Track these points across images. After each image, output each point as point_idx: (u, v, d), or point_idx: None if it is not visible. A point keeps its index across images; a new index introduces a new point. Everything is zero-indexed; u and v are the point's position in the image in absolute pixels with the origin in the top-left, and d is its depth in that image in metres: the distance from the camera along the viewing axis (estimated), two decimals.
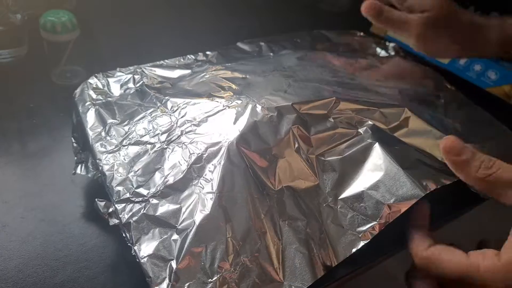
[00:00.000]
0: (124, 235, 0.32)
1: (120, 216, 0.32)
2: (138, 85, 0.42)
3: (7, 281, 0.32)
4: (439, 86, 0.52)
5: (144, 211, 0.32)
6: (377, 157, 0.35)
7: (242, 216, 0.32)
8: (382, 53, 0.59)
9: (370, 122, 0.38)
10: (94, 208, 0.34)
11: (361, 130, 0.37)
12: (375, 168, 0.34)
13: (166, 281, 0.29)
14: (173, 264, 0.29)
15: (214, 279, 0.29)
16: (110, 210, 0.33)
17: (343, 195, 0.34)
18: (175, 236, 0.31)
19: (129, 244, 0.31)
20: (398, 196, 0.32)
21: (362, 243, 0.31)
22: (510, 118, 0.49)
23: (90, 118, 0.39)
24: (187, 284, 0.29)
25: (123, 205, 0.32)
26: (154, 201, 0.32)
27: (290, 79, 0.41)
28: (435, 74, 0.54)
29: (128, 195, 0.33)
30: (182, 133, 0.36)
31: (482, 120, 0.48)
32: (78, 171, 0.39)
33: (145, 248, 0.30)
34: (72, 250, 0.35)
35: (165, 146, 0.35)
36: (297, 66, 0.45)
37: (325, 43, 0.58)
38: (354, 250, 0.31)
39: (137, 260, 0.30)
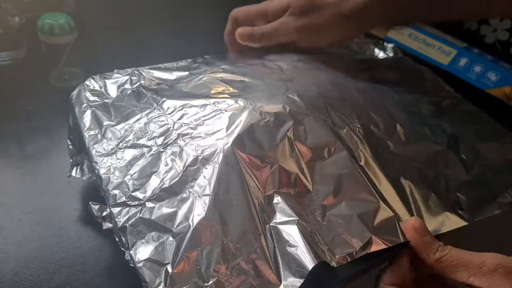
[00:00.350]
0: (117, 239, 0.32)
1: (116, 220, 0.32)
2: (135, 86, 0.42)
3: (3, 284, 0.32)
4: (438, 87, 0.52)
5: (140, 215, 0.32)
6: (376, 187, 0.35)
7: (238, 218, 0.31)
8: (381, 54, 0.59)
9: (367, 134, 0.38)
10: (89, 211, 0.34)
11: (359, 143, 0.37)
12: (371, 199, 0.34)
13: (162, 285, 0.29)
14: (169, 268, 0.29)
15: (210, 283, 0.29)
16: (104, 213, 0.33)
17: (331, 211, 0.33)
18: (170, 240, 0.30)
19: (122, 249, 0.31)
20: (385, 234, 0.32)
21: (334, 264, 0.30)
22: (510, 119, 0.49)
23: (87, 120, 0.38)
24: None
25: (119, 208, 0.32)
26: (150, 204, 0.32)
27: (289, 83, 0.41)
28: (434, 76, 0.54)
29: (124, 198, 0.33)
30: (178, 136, 0.35)
31: (481, 122, 0.48)
32: (73, 173, 0.39)
33: (141, 253, 0.30)
34: (68, 253, 0.35)
35: (162, 150, 0.35)
36: (295, 69, 0.45)
37: None
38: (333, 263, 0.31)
39: (132, 265, 0.30)
